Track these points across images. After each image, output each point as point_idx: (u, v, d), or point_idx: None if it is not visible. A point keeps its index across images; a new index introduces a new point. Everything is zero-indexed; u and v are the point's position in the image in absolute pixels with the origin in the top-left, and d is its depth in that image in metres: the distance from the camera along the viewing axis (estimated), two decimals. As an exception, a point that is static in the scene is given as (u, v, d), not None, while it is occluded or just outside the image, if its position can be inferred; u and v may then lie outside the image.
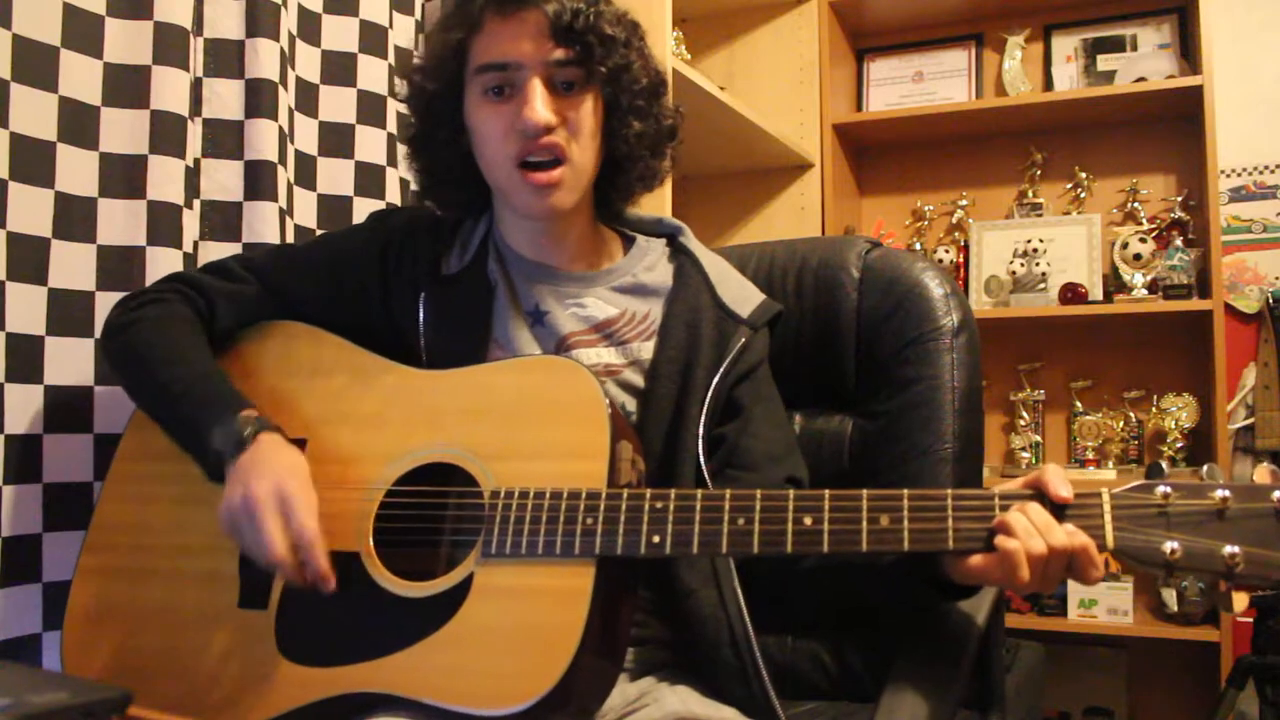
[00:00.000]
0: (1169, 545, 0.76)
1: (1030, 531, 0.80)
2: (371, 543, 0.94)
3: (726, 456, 1.05)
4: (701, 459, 1.01)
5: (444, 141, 1.07)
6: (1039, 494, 0.83)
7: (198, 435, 0.98)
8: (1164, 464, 0.78)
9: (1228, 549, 0.75)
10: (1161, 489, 0.78)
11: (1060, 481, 0.82)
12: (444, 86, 1.04)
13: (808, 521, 0.84)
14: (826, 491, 0.86)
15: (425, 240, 1.11)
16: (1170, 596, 2.33)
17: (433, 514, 0.96)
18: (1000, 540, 0.82)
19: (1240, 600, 0.73)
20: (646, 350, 1.07)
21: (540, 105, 0.99)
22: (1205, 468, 0.80)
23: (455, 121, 1.06)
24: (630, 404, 1.05)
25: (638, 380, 1.06)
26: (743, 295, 1.11)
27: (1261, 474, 0.78)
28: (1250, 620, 2.00)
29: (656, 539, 0.86)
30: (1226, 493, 0.77)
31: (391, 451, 0.98)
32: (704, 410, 1.03)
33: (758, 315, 1.10)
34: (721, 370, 1.04)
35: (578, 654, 0.82)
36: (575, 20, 0.99)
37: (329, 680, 0.89)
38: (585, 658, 0.83)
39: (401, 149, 1.42)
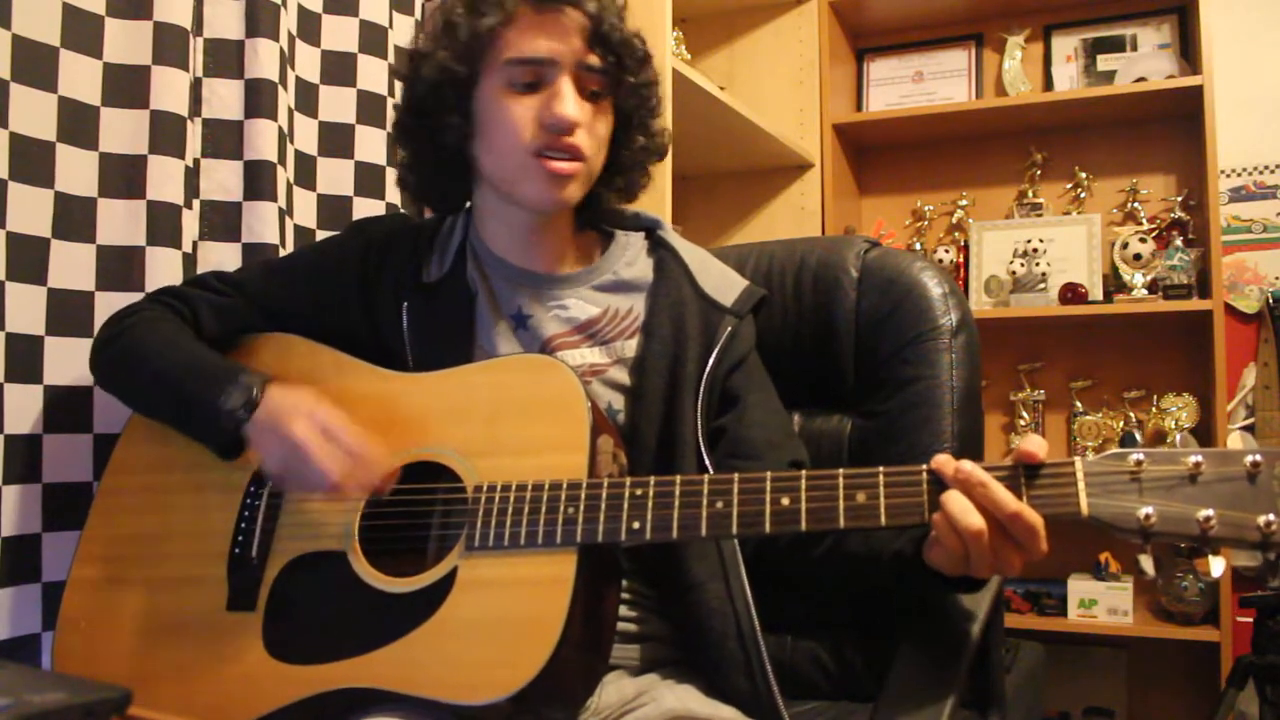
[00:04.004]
0: (1143, 511, 0.77)
1: (966, 509, 0.80)
2: (357, 541, 0.95)
3: (728, 447, 1.05)
4: (703, 450, 1.02)
5: (447, 127, 1.04)
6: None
7: (204, 409, 0.99)
8: (1136, 434, 0.78)
9: (1202, 512, 0.76)
10: (1134, 456, 0.79)
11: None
12: (468, 73, 1.02)
13: (785, 502, 0.85)
14: (803, 472, 0.86)
15: (405, 249, 1.11)
16: (1148, 563, 2.35)
17: (418, 511, 0.97)
18: (935, 517, 0.82)
19: (1218, 564, 0.74)
20: (630, 348, 1.07)
21: (573, 103, 1.00)
22: (1178, 437, 0.80)
23: (463, 108, 1.04)
24: (618, 402, 1.05)
25: (624, 378, 1.06)
26: (725, 284, 1.12)
27: (1235, 441, 0.78)
28: (1250, 620, 1.99)
29: (637, 525, 0.87)
30: (1199, 458, 0.77)
31: None
32: (699, 402, 1.03)
33: (742, 302, 1.10)
34: (712, 360, 1.05)
35: (561, 641, 0.83)
36: (612, 30, 1.01)
37: (316, 677, 0.90)
38: (569, 645, 0.84)
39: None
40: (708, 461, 1.02)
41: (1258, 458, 0.76)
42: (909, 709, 0.93)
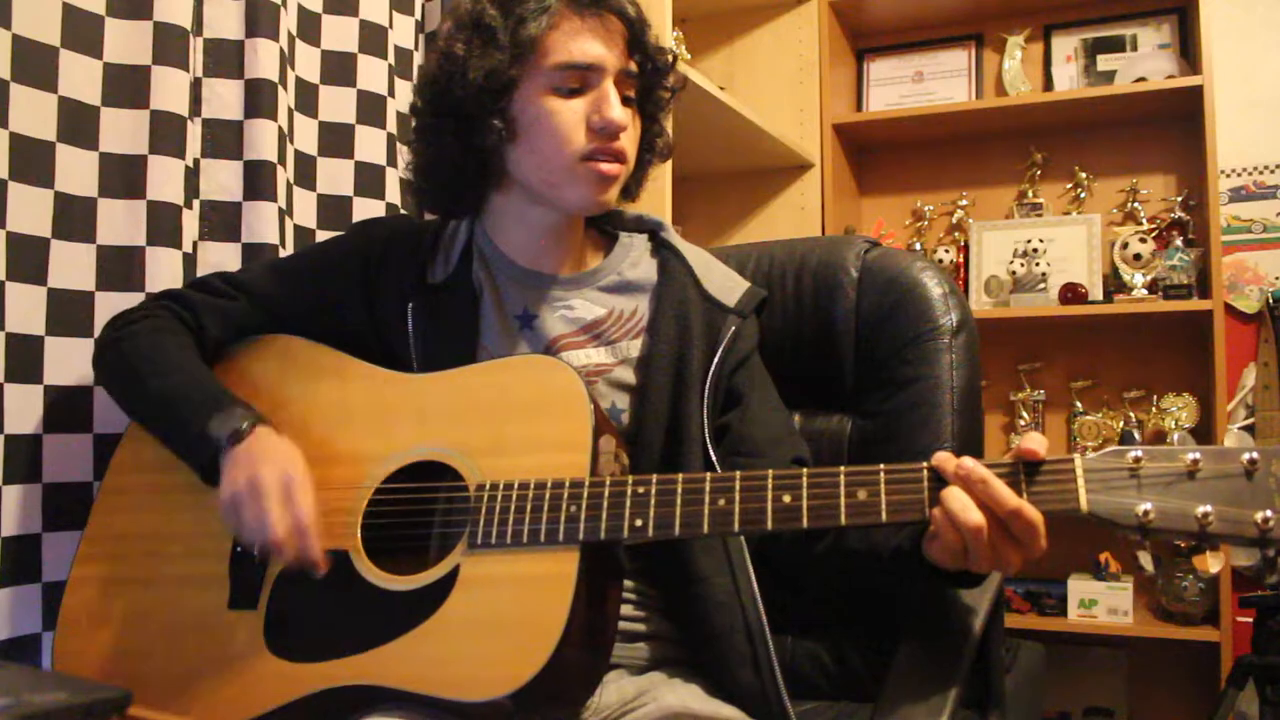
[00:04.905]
0: (1142, 507, 0.78)
1: (966, 505, 0.80)
2: (359, 539, 0.95)
3: (731, 445, 1.06)
4: (710, 448, 1.02)
5: (487, 130, 1.02)
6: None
7: (192, 433, 0.98)
8: (1135, 433, 0.78)
9: (1200, 509, 0.76)
10: (1133, 453, 0.80)
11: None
12: (514, 77, 1.01)
13: (787, 499, 0.85)
14: (804, 469, 0.87)
15: (408, 250, 1.11)
16: (1147, 560, 2.36)
17: (421, 509, 0.97)
18: (934, 512, 0.82)
19: (1217, 562, 0.74)
20: (635, 348, 1.08)
21: (619, 107, 1.01)
22: (1177, 436, 0.80)
23: (503, 111, 1.02)
24: (622, 401, 1.06)
25: (629, 377, 1.07)
26: (727, 285, 1.12)
27: (1232, 440, 0.79)
28: (1250, 620, 1.99)
29: (639, 523, 0.87)
30: (1197, 455, 0.78)
31: (380, 453, 0.99)
32: (705, 400, 1.04)
33: (745, 303, 1.11)
34: (716, 360, 1.05)
35: (563, 639, 0.83)
36: (648, 37, 1.04)
37: (317, 675, 0.90)
38: (571, 643, 0.84)
39: (404, 147, 1.41)
40: (714, 458, 1.02)
41: (1254, 455, 0.77)
42: (909, 709, 0.93)
